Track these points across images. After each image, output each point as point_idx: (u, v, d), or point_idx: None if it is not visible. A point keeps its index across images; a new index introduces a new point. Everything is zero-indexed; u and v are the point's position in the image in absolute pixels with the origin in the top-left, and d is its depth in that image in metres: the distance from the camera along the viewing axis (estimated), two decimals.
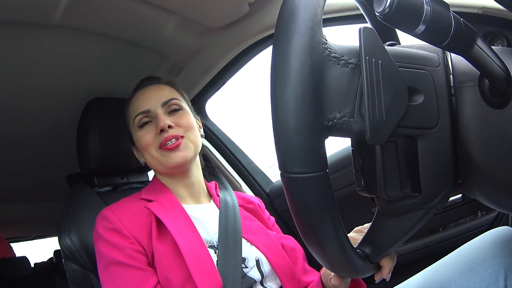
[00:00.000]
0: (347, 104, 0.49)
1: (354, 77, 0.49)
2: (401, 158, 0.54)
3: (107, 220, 0.92)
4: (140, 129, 1.01)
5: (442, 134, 0.53)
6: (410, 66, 0.53)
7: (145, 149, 1.00)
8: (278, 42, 0.47)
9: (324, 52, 0.48)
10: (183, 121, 1.01)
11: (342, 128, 0.48)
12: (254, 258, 0.95)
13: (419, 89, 0.52)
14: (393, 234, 0.58)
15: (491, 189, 0.54)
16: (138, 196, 1.02)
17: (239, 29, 1.24)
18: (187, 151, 0.98)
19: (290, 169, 0.46)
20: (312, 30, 0.46)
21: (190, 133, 1.01)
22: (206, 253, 0.89)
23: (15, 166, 1.82)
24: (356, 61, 0.50)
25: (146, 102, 1.02)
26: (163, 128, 0.97)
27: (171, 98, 1.03)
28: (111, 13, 1.08)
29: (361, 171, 0.60)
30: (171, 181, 1.03)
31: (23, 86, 1.29)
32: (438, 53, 0.56)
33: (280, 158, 0.47)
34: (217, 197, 1.08)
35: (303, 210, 0.48)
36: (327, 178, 0.47)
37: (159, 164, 1.00)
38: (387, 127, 0.49)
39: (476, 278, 0.63)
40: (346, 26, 1.19)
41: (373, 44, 0.49)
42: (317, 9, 0.47)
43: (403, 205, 0.55)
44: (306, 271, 1.02)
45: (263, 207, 1.16)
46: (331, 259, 0.53)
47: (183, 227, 0.92)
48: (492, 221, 1.22)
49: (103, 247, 0.90)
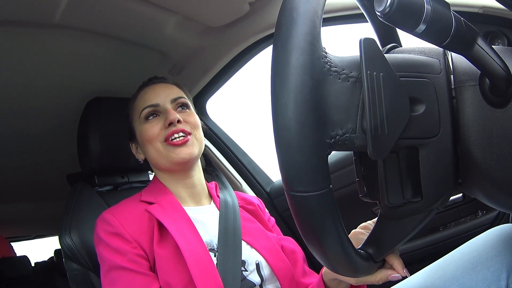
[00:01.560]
0: (349, 120, 0.48)
1: (355, 91, 0.49)
2: (403, 167, 0.54)
3: (108, 223, 0.91)
4: (146, 122, 1.00)
5: (443, 142, 0.53)
6: (411, 75, 0.52)
7: (150, 141, 0.99)
8: (277, 60, 0.46)
9: (325, 67, 0.47)
10: (191, 118, 1.01)
11: (345, 144, 0.48)
12: (254, 261, 0.95)
13: (420, 99, 0.52)
14: (396, 235, 0.59)
15: (491, 189, 0.54)
16: (138, 197, 1.00)
17: (240, 28, 1.24)
18: (193, 148, 0.98)
19: (294, 187, 0.46)
20: (311, 45, 0.45)
21: (197, 132, 1.01)
22: (207, 257, 0.89)
23: (15, 166, 1.82)
24: (357, 75, 0.49)
25: (155, 96, 1.02)
26: (172, 121, 0.96)
27: (180, 96, 1.03)
28: (111, 13, 1.09)
29: (363, 179, 0.60)
30: (171, 181, 1.02)
31: (23, 85, 1.29)
32: (439, 58, 0.55)
33: (284, 177, 0.47)
34: (218, 198, 1.07)
35: (308, 227, 0.49)
36: (331, 194, 0.47)
37: (162, 158, 0.98)
38: (389, 142, 0.49)
39: (478, 277, 0.63)
40: (346, 26, 1.19)
41: (374, 56, 0.48)
42: (315, 20, 0.46)
43: (405, 210, 0.56)
44: (305, 273, 1.02)
45: (263, 208, 1.15)
46: (337, 264, 0.54)
47: (185, 230, 0.91)
48: (493, 221, 1.22)
49: (105, 251, 0.89)
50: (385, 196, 0.54)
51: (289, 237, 1.09)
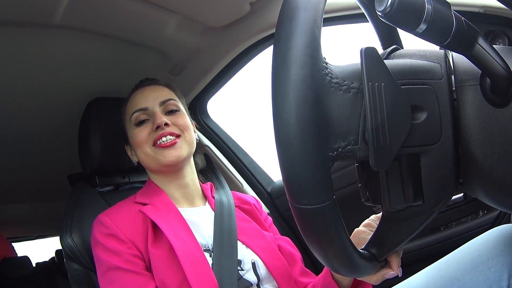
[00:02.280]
0: (351, 132, 0.48)
1: (357, 102, 0.49)
2: (404, 174, 0.54)
3: (104, 225, 0.92)
4: (136, 127, 1.01)
5: (445, 148, 0.53)
6: (412, 82, 0.52)
7: (139, 146, 1.00)
8: (277, 73, 0.46)
9: (325, 79, 0.47)
10: (180, 120, 1.01)
11: (347, 156, 0.48)
12: (250, 260, 0.95)
13: (422, 106, 0.52)
14: (398, 236, 0.59)
15: (492, 188, 0.54)
16: (133, 199, 1.01)
17: (241, 28, 1.24)
18: (181, 150, 0.98)
19: (299, 201, 0.47)
20: (311, 58, 0.45)
21: (186, 133, 1.01)
22: (201, 256, 0.89)
23: (16, 166, 1.82)
24: (358, 85, 0.49)
25: (144, 100, 1.02)
26: (159, 125, 0.97)
27: (169, 99, 1.04)
28: (112, 13, 1.09)
29: (366, 185, 0.61)
30: (164, 182, 1.03)
31: (24, 86, 1.29)
32: (440, 62, 0.55)
33: (288, 191, 0.47)
34: (212, 199, 1.07)
35: (314, 237, 0.49)
36: (335, 205, 0.48)
37: (152, 161, 1.00)
38: (391, 152, 0.49)
39: (479, 277, 0.63)
40: (346, 26, 1.19)
41: (375, 66, 0.48)
42: (315, 31, 0.45)
43: (407, 213, 0.56)
44: (304, 272, 1.02)
45: (259, 207, 1.15)
46: (342, 268, 0.55)
47: (179, 230, 0.92)
48: (494, 220, 1.22)
49: (101, 253, 0.90)
50: (387, 201, 0.55)
51: (286, 238, 1.09)
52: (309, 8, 0.46)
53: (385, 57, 0.60)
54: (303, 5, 0.46)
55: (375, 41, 0.71)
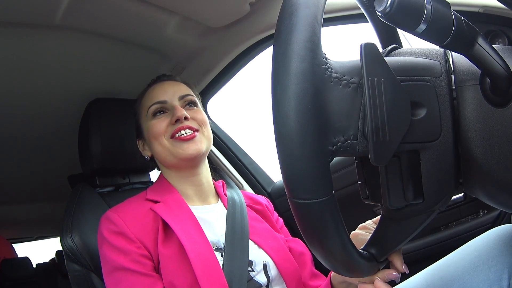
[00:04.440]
0: (350, 126, 0.48)
1: (356, 97, 0.49)
2: (404, 171, 0.54)
3: (112, 222, 0.90)
4: (153, 118, 1.00)
5: (444, 145, 0.53)
6: (412, 78, 0.52)
7: (156, 138, 0.98)
8: (277, 67, 0.46)
9: (325, 74, 0.47)
10: (199, 115, 1.01)
11: (346, 151, 0.48)
12: (262, 262, 0.94)
13: (421, 103, 0.52)
14: (398, 235, 0.59)
15: (492, 188, 0.54)
16: (144, 196, 0.99)
17: (241, 29, 1.24)
18: (201, 144, 0.97)
19: (297, 195, 0.46)
20: (311, 53, 0.45)
21: (204, 129, 1.01)
22: (212, 257, 0.88)
23: (16, 167, 1.82)
24: (358, 81, 0.49)
25: (163, 93, 1.02)
26: (179, 118, 0.96)
27: (188, 94, 1.04)
28: (112, 14, 1.09)
29: (365, 182, 0.61)
30: (178, 178, 1.01)
31: (24, 87, 1.29)
32: (440, 60, 0.55)
33: (286, 185, 0.47)
34: (225, 197, 1.06)
35: (312, 232, 0.49)
36: (334, 201, 0.47)
37: (169, 155, 0.98)
38: (390, 147, 0.49)
39: (479, 277, 0.63)
40: (346, 26, 1.19)
41: (375, 61, 0.48)
42: (315, 26, 0.46)
43: (407, 211, 0.56)
44: (313, 275, 1.01)
45: (271, 208, 1.14)
46: (340, 267, 0.54)
47: (190, 230, 0.90)
48: (494, 220, 1.22)
49: (108, 251, 0.88)
50: (387, 199, 0.55)
51: (297, 239, 1.08)
52: (310, 4, 0.46)
53: (384, 55, 0.60)
54: (304, 1, 0.46)
55: (375, 41, 0.71)
